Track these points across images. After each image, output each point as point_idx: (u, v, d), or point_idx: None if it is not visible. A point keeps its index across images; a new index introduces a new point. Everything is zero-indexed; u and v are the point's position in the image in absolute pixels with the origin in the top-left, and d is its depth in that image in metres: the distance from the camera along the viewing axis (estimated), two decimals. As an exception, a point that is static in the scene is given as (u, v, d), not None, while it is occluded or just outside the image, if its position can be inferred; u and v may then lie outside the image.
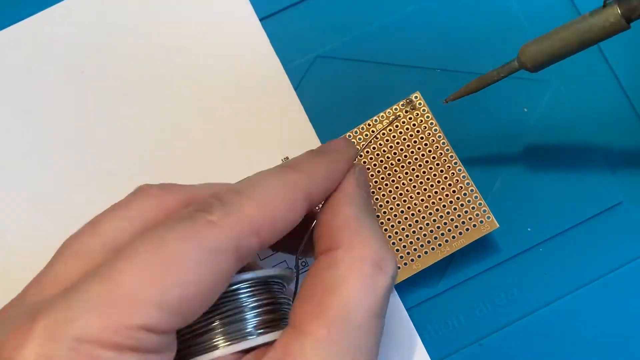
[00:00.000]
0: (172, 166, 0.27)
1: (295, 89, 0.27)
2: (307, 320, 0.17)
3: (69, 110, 0.27)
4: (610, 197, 0.26)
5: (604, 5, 0.19)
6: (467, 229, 0.24)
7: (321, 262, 0.19)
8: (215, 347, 0.18)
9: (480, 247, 0.25)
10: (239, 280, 0.18)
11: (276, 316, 0.19)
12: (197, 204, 0.17)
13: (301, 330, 0.17)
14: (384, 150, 0.25)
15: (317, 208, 0.21)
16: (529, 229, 0.26)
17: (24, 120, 0.27)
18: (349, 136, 0.25)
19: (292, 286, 0.21)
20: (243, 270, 0.19)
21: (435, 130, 0.24)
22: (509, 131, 0.26)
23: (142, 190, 0.19)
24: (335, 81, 0.28)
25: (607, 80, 0.27)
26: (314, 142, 0.27)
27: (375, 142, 0.25)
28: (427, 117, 0.25)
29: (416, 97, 0.25)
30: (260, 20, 0.28)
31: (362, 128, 0.25)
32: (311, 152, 0.21)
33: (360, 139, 0.25)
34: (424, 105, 0.25)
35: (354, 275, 0.18)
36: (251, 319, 0.18)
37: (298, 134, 0.27)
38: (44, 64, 0.28)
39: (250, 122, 0.27)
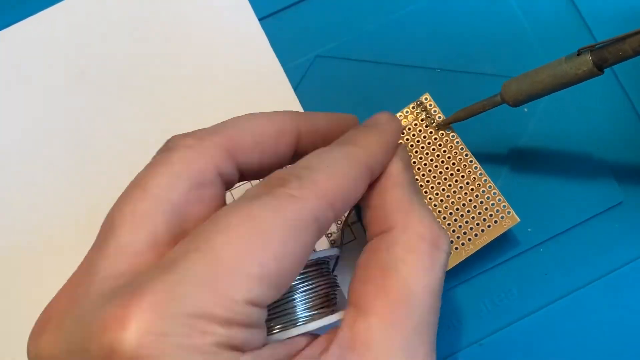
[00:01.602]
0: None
1: (295, 89, 0.27)
2: (370, 301, 0.18)
3: (68, 110, 0.27)
4: (610, 197, 0.26)
5: (578, 54, 0.20)
6: (489, 226, 0.24)
7: (377, 244, 0.19)
8: (293, 325, 0.18)
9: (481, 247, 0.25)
10: (313, 259, 0.19)
11: (334, 294, 0.20)
12: (272, 179, 0.17)
13: (366, 311, 0.17)
14: None
15: None
16: (529, 229, 0.26)
17: (23, 120, 0.27)
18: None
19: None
20: None
21: (448, 130, 0.24)
22: (509, 131, 0.26)
23: (177, 143, 0.19)
24: (334, 81, 0.27)
25: (607, 80, 0.27)
26: (314, 142, 0.27)
27: None
28: (439, 117, 0.25)
29: (426, 99, 0.25)
30: (260, 20, 0.28)
31: None
32: (363, 127, 0.21)
33: None
34: (434, 106, 0.25)
35: (413, 255, 0.18)
36: (320, 298, 0.19)
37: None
38: (43, 65, 0.28)
39: (250, 122, 0.27)
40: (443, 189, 0.24)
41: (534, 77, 0.21)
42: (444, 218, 0.24)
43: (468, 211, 0.24)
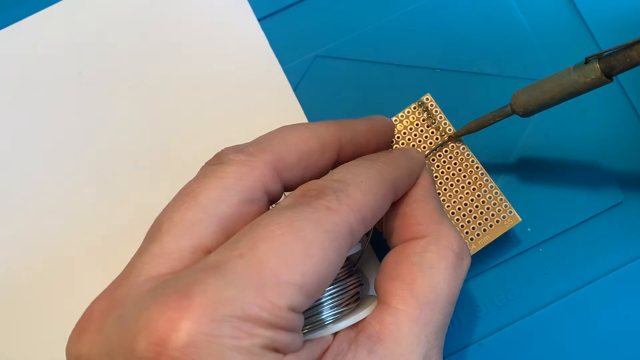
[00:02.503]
0: (171, 167, 0.27)
1: (294, 89, 0.27)
2: (399, 299, 0.19)
3: (67, 111, 0.27)
4: (610, 197, 0.26)
5: (586, 62, 0.20)
6: (491, 225, 0.24)
7: (408, 248, 0.20)
8: (324, 325, 0.19)
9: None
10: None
11: (350, 293, 0.21)
12: (308, 190, 0.18)
13: (395, 307, 0.19)
14: None
15: None
16: (528, 229, 0.26)
17: (22, 121, 0.27)
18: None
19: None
20: None
21: (450, 130, 0.24)
22: (510, 132, 0.26)
23: (230, 158, 0.19)
24: (334, 81, 0.27)
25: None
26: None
27: (397, 142, 0.25)
28: (440, 117, 0.25)
29: (427, 99, 0.25)
30: (259, 20, 0.28)
31: None
32: (395, 150, 0.23)
33: None
34: (435, 107, 0.25)
35: (443, 263, 0.20)
36: (348, 296, 0.20)
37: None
38: (42, 65, 0.28)
39: (249, 123, 0.27)
40: (445, 189, 0.24)
41: (543, 87, 0.22)
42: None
43: (470, 211, 0.24)
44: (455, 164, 0.24)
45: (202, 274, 0.16)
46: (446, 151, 0.24)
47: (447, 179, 0.24)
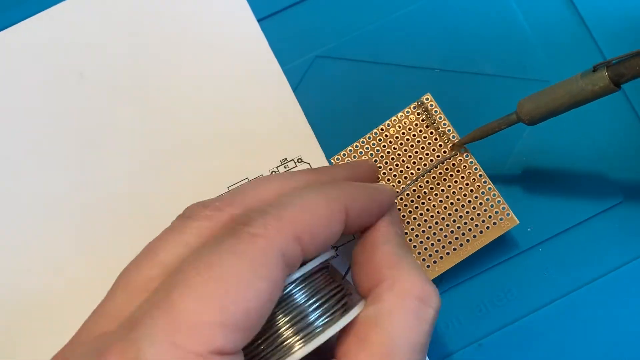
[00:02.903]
0: (171, 167, 0.27)
1: (294, 90, 0.27)
2: (351, 355, 0.17)
3: (67, 111, 0.27)
4: (609, 197, 0.26)
5: (594, 70, 0.20)
6: (488, 227, 0.24)
7: (367, 300, 0.19)
8: (315, 335, 0.18)
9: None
10: (290, 281, 0.18)
11: (333, 301, 0.19)
12: (237, 218, 0.17)
13: None
14: (399, 154, 0.25)
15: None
16: (528, 229, 0.26)
17: (22, 121, 0.27)
18: (359, 144, 0.25)
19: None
20: None
21: (449, 130, 0.24)
22: (507, 131, 0.26)
23: (194, 213, 0.19)
24: (334, 82, 0.27)
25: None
26: (313, 144, 0.27)
27: (390, 146, 0.25)
28: (440, 117, 0.25)
29: (427, 99, 0.25)
30: (259, 21, 0.28)
31: (375, 133, 0.25)
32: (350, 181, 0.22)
33: (374, 144, 0.25)
34: (435, 107, 0.25)
35: (400, 310, 0.18)
36: (313, 314, 0.19)
37: (296, 136, 0.27)
38: (42, 66, 0.28)
39: (249, 124, 0.27)
40: (442, 190, 0.24)
41: (550, 95, 0.21)
42: (443, 219, 0.24)
43: (467, 212, 0.24)
44: (453, 164, 0.24)
45: (120, 332, 0.15)
46: (445, 152, 0.24)
47: (444, 179, 0.24)
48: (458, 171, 0.24)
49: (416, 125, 0.25)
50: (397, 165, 0.25)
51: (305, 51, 0.28)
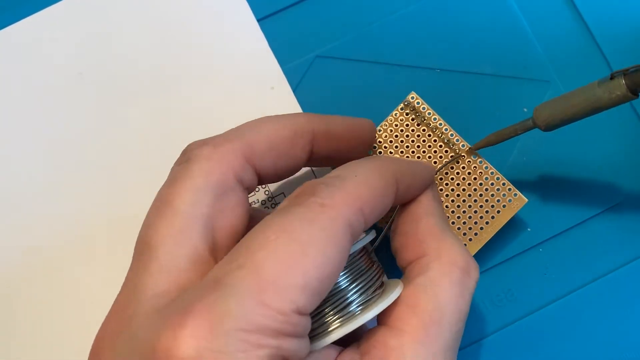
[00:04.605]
0: (170, 166, 0.27)
1: (294, 90, 0.27)
2: (404, 321, 0.19)
3: (67, 111, 0.27)
4: (609, 197, 0.26)
5: (611, 78, 0.20)
6: (499, 211, 0.24)
7: (412, 269, 0.20)
8: (354, 316, 0.19)
9: (480, 247, 0.25)
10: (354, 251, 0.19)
11: (375, 280, 0.20)
12: (303, 188, 0.18)
13: (399, 330, 0.18)
14: (397, 156, 0.25)
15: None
16: (528, 229, 0.26)
17: (22, 121, 0.27)
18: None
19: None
20: None
21: (441, 124, 0.24)
22: (508, 131, 0.26)
23: (195, 154, 0.19)
24: (334, 81, 0.27)
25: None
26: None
27: (386, 151, 0.25)
28: (429, 113, 0.25)
29: (413, 98, 0.25)
30: (258, 20, 0.28)
31: None
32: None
33: (370, 152, 0.25)
34: (422, 104, 0.25)
35: (446, 280, 0.19)
36: (375, 286, 0.20)
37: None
38: (42, 66, 0.28)
39: (249, 124, 0.27)
40: (447, 184, 0.24)
41: (567, 102, 0.21)
42: (452, 212, 0.24)
43: (475, 200, 0.24)
44: (452, 156, 0.24)
45: (204, 290, 0.16)
46: (441, 146, 0.24)
47: (446, 173, 0.24)
48: (458, 162, 0.24)
49: (407, 125, 0.25)
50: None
51: (305, 51, 0.28)
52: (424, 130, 0.25)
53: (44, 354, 0.25)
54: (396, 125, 0.25)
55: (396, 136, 0.25)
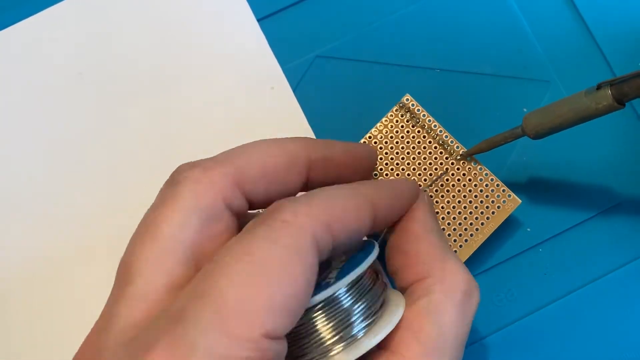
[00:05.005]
0: (171, 167, 0.27)
1: (294, 90, 0.27)
2: (406, 347, 0.18)
3: (67, 111, 0.27)
4: (609, 198, 0.26)
5: (598, 88, 0.20)
6: (493, 212, 0.24)
7: (414, 292, 0.19)
8: (357, 340, 0.18)
9: (480, 247, 0.25)
10: (343, 286, 0.18)
11: (376, 301, 0.19)
12: (269, 208, 0.17)
13: (401, 355, 0.18)
14: (392, 158, 0.25)
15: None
16: (528, 229, 0.26)
17: (22, 121, 0.27)
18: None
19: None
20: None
21: (435, 126, 0.25)
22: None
23: (184, 176, 0.18)
24: (334, 81, 0.27)
25: (606, 79, 0.27)
26: (313, 143, 0.27)
27: (381, 152, 0.25)
28: (424, 115, 0.25)
29: (407, 100, 0.25)
30: (258, 20, 0.28)
31: (364, 142, 0.25)
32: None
33: None
34: (417, 106, 0.25)
35: (450, 305, 0.19)
36: (378, 305, 0.19)
37: (296, 135, 0.26)
38: (42, 66, 0.28)
39: (248, 123, 0.27)
40: (442, 185, 0.24)
41: (555, 111, 0.22)
42: (448, 213, 0.24)
43: (470, 202, 0.24)
44: (447, 158, 0.24)
45: (167, 324, 0.15)
46: (436, 147, 0.25)
47: (435, 169, 0.24)
48: (452, 163, 0.24)
49: (402, 126, 0.25)
50: (392, 169, 0.25)
51: (305, 51, 0.28)
52: (418, 131, 0.25)
53: (44, 355, 0.25)
54: (391, 127, 0.25)
55: (391, 137, 0.25)
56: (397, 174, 0.25)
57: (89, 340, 0.17)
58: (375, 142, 0.25)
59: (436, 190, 0.24)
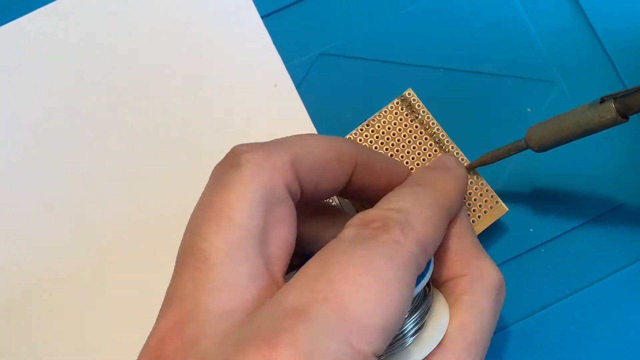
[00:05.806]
0: (172, 166, 0.27)
1: (297, 87, 0.27)
2: (450, 339, 0.19)
3: (67, 111, 0.27)
4: (611, 199, 0.26)
5: (601, 101, 0.20)
6: (479, 216, 0.24)
7: (456, 286, 0.20)
8: (407, 351, 0.18)
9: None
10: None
11: (425, 310, 0.20)
12: (372, 222, 0.17)
13: (444, 346, 0.19)
14: (386, 149, 0.25)
15: None
16: (530, 230, 0.26)
17: (22, 121, 0.27)
18: (350, 137, 0.25)
19: None
20: None
21: (433, 124, 0.25)
22: (511, 131, 0.26)
23: (247, 159, 0.18)
24: (337, 79, 0.27)
25: (610, 80, 0.27)
26: (315, 141, 0.26)
27: (377, 142, 0.25)
28: (423, 112, 0.25)
29: (409, 94, 0.25)
30: (263, 17, 0.28)
31: (361, 130, 0.25)
32: (440, 170, 0.22)
33: (360, 140, 0.25)
34: (417, 101, 0.25)
35: (487, 300, 0.20)
36: (409, 326, 0.19)
37: (299, 133, 0.26)
38: (42, 65, 0.28)
39: (252, 121, 0.27)
40: None
41: (558, 125, 0.22)
42: None
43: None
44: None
45: (288, 320, 0.15)
46: (431, 145, 0.25)
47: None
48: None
49: (401, 119, 0.25)
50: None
51: (309, 49, 0.28)
52: (416, 127, 0.25)
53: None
54: (390, 118, 0.25)
55: (388, 128, 0.25)
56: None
57: (172, 329, 0.16)
58: (372, 131, 0.25)
59: None
